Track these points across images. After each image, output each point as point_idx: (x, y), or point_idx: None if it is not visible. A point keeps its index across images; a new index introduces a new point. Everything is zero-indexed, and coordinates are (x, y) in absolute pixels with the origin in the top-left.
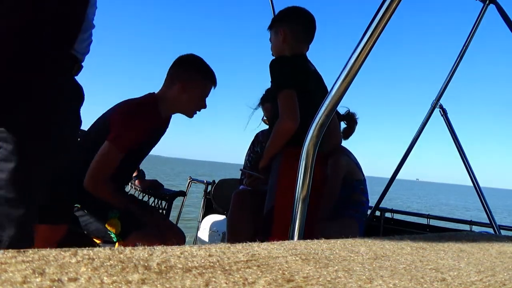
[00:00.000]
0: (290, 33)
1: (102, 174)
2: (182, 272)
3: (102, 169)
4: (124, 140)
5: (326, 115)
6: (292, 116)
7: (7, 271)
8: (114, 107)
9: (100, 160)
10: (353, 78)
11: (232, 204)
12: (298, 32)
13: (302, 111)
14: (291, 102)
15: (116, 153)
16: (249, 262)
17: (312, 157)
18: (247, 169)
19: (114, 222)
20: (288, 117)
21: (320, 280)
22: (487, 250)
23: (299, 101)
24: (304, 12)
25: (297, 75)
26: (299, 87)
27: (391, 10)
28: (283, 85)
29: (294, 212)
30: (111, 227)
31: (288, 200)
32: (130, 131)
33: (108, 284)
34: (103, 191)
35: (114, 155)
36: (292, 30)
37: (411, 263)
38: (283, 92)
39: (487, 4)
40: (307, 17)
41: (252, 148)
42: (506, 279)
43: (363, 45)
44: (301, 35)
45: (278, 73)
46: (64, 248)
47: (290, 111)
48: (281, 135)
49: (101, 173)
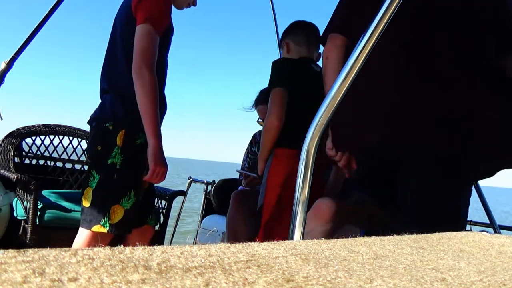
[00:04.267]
0: (292, 42)
1: (150, 56)
2: (182, 272)
3: (148, 50)
4: (158, 17)
5: (326, 115)
6: (275, 112)
7: (7, 271)
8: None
9: (141, 42)
10: (353, 78)
11: (231, 204)
12: (300, 41)
13: (293, 111)
14: (277, 100)
15: (153, 33)
16: (249, 262)
17: (312, 157)
18: (245, 169)
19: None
20: (271, 114)
21: (320, 280)
22: (487, 250)
23: (291, 101)
24: (303, 23)
25: (292, 75)
26: (291, 87)
27: (391, 10)
28: (275, 84)
29: (294, 212)
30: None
31: (275, 198)
32: (161, 5)
33: (108, 284)
34: (151, 78)
35: (153, 34)
36: (294, 40)
37: (411, 263)
38: (273, 91)
39: None
40: (306, 27)
41: (250, 148)
42: (506, 279)
43: (363, 45)
44: (304, 42)
45: (273, 73)
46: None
47: (275, 108)
48: (265, 132)
49: (147, 55)
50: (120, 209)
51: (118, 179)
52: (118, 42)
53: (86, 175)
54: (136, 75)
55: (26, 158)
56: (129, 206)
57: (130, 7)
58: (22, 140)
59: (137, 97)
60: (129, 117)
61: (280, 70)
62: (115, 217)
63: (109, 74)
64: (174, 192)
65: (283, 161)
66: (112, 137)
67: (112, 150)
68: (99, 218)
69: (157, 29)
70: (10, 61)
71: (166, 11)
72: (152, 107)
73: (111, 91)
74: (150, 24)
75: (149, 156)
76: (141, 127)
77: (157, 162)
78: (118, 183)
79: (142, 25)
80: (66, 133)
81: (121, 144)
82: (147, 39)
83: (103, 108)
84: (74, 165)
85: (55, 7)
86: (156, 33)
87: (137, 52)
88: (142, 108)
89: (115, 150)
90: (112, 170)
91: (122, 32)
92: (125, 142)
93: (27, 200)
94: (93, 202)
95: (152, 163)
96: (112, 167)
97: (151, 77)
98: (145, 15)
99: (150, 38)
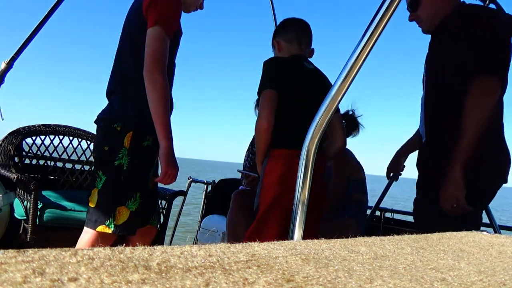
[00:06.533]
0: (283, 41)
1: (161, 59)
2: (182, 272)
3: (159, 53)
4: (168, 20)
5: (326, 115)
6: (264, 115)
7: (7, 271)
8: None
9: (152, 45)
10: (353, 78)
11: (231, 204)
12: (290, 38)
13: (286, 111)
14: (265, 102)
15: (164, 36)
16: (249, 262)
17: (312, 157)
18: (246, 169)
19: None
20: (260, 117)
21: (320, 280)
22: (487, 250)
23: (283, 101)
24: (292, 20)
25: (282, 75)
26: (282, 87)
27: (391, 10)
28: (264, 85)
29: (294, 212)
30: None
31: (270, 198)
32: (172, 8)
33: (108, 284)
34: (163, 81)
35: (164, 37)
36: (284, 38)
37: (411, 263)
38: (262, 93)
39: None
40: (296, 23)
41: (251, 148)
42: (506, 279)
43: (363, 45)
44: (294, 39)
45: (263, 75)
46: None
47: (263, 111)
48: (256, 135)
49: (159, 58)
50: (125, 211)
51: (124, 180)
52: (127, 44)
53: (93, 176)
54: (148, 78)
55: (26, 158)
56: (134, 208)
57: (140, 9)
58: (22, 140)
59: (148, 100)
60: (137, 119)
61: (269, 71)
62: (120, 218)
63: (118, 75)
64: (174, 192)
65: (279, 161)
66: (119, 138)
67: (120, 151)
68: (105, 218)
69: (167, 32)
70: (10, 61)
71: (176, 14)
72: (164, 109)
73: (120, 93)
74: (161, 27)
75: (161, 157)
76: (149, 129)
77: (169, 164)
78: (124, 184)
79: (153, 28)
80: (66, 133)
81: (128, 146)
82: (158, 42)
83: (111, 109)
84: (74, 165)
85: (55, 7)
86: (167, 36)
87: (148, 55)
88: (154, 110)
89: (122, 152)
90: (119, 171)
91: (132, 34)
92: (133, 144)
93: (27, 200)
94: (99, 203)
95: (164, 164)
96: (119, 168)
97: (163, 80)
98: (156, 17)
99: (161, 41)
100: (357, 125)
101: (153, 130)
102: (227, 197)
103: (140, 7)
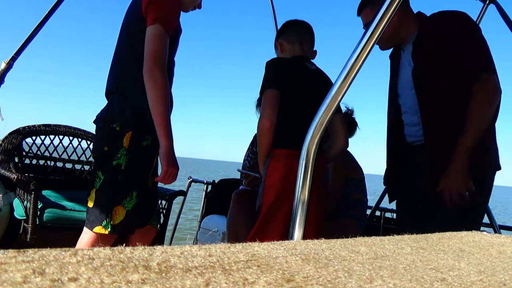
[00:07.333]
0: (285, 42)
1: (161, 58)
2: (182, 272)
3: (159, 51)
4: (168, 18)
5: (326, 115)
6: (266, 115)
7: (7, 271)
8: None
9: (152, 44)
10: (353, 78)
11: (232, 204)
12: (293, 40)
13: (287, 111)
14: (267, 102)
15: (164, 34)
16: (249, 262)
17: (312, 157)
18: (246, 169)
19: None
20: (262, 116)
21: (320, 280)
22: (487, 250)
23: (285, 101)
24: (295, 22)
25: (284, 75)
26: (284, 87)
27: (391, 10)
28: (265, 85)
29: (294, 212)
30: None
31: (272, 198)
32: (171, 6)
33: (108, 284)
34: (163, 79)
35: (163, 35)
36: (286, 40)
37: (411, 263)
38: (264, 93)
39: (487, 4)
40: (298, 25)
41: (251, 148)
42: (506, 279)
43: (363, 45)
44: (296, 40)
45: (265, 74)
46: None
47: (265, 110)
48: (258, 135)
49: (159, 56)
50: (122, 210)
51: (121, 180)
52: (126, 43)
53: (92, 176)
54: (148, 76)
55: (26, 158)
56: (130, 207)
57: (139, 7)
58: (22, 140)
59: (148, 98)
60: (136, 119)
61: (271, 71)
62: (117, 218)
63: (117, 75)
64: (174, 192)
65: (281, 161)
66: (119, 138)
67: (118, 151)
68: (101, 219)
69: (167, 30)
70: (10, 61)
71: (175, 12)
72: (164, 108)
73: (119, 92)
74: (160, 25)
75: (161, 157)
76: (148, 129)
77: (169, 163)
78: (121, 184)
79: (152, 26)
80: (66, 133)
81: (127, 146)
82: (158, 41)
83: (110, 109)
84: (74, 165)
85: (55, 7)
86: (167, 34)
87: (148, 53)
88: (154, 109)
89: (121, 151)
90: (117, 171)
91: (131, 33)
92: (132, 143)
93: (27, 200)
94: (96, 203)
95: (165, 164)
96: (117, 168)
97: (163, 78)
98: (155, 16)
99: (161, 39)
100: (356, 124)
101: (152, 130)
102: (227, 197)
103: (139, 5)
